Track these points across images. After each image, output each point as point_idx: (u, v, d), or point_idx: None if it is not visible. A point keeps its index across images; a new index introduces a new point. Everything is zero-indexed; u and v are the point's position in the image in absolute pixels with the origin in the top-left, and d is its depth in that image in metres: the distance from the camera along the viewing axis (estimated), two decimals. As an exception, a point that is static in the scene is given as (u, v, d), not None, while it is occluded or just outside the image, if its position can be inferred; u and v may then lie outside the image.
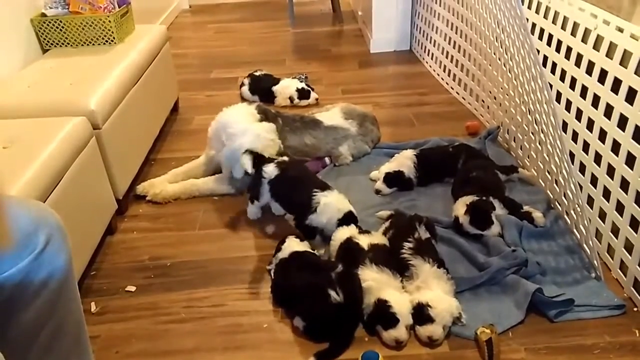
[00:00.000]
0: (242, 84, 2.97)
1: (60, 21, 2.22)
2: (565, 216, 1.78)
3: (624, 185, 1.48)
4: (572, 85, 1.74)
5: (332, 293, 1.40)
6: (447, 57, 2.96)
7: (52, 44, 2.28)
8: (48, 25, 2.22)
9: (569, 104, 1.77)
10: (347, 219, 1.70)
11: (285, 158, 1.88)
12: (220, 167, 2.10)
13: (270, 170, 1.79)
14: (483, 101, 2.54)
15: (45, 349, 0.99)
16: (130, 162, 2.05)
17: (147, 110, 2.25)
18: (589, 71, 1.63)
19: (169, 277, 1.69)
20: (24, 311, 0.94)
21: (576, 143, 1.73)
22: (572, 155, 1.75)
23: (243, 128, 1.96)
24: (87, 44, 2.29)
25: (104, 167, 1.79)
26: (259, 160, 1.84)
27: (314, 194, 1.71)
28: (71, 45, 2.28)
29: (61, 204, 1.44)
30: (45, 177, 1.41)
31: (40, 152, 1.46)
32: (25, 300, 0.94)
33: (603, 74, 1.56)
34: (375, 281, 1.46)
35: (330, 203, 1.70)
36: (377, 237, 1.65)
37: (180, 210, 2.02)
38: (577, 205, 1.62)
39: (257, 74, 3.00)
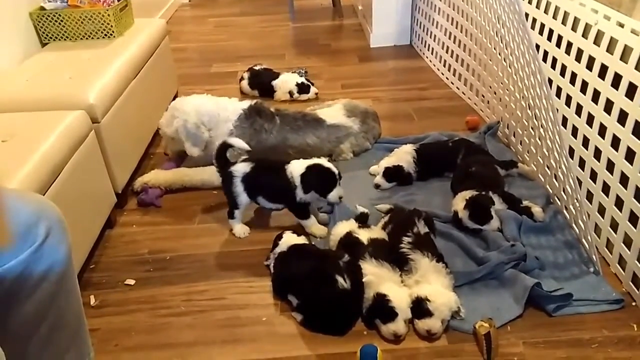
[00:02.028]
0: (242, 78, 2.97)
1: (59, 15, 2.21)
2: (565, 211, 1.78)
3: (624, 180, 1.48)
4: (573, 81, 1.74)
5: (340, 279, 1.41)
6: (447, 52, 2.95)
7: (51, 38, 2.27)
8: (47, 18, 2.22)
9: (569, 99, 1.76)
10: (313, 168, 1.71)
11: (246, 156, 1.87)
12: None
13: (239, 168, 1.78)
14: (483, 96, 2.54)
15: (45, 341, 1.00)
16: (129, 156, 2.05)
17: (147, 104, 2.24)
18: (590, 66, 1.63)
19: (168, 271, 1.69)
20: (24, 303, 0.95)
21: (576, 138, 1.73)
22: (571, 151, 1.75)
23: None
24: (86, 38, 2.28)
25: (103, 160, 1.79)
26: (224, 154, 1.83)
27: (286, 169, 1.73)
28: (70, 39, 2.28)
29: (60, 197, 1.44)
30: (44, 171, 1.40)
31: (40, 145, 1.46)
32: (25, 293, 0.94)
33: (603, 69, 1.56)
34: (375, 275, 1.46)
35: (296, 167, 1.73)
36: (377, 232, 1.65)
37: (179, 204, 2.02)
38: (576, 200, 1.62)
39: (256, 68, 2.99)
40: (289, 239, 1.64)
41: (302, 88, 2.82)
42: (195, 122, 2.01)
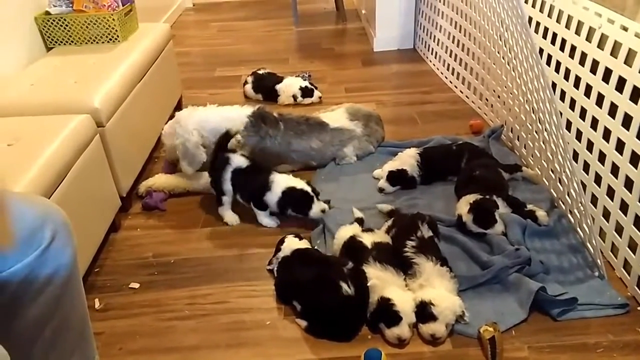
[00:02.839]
0: (246, 82, 2.98)
1: (65, 19, 2.23)
2: (569, 215, 1.78)
3: (628, 184, 1.48)
4: (576, 84, 1.73)
5: (344, 285, 1.41)
6: (450, 56, 2.95)
7: (56, 42, 2.28)
8: (52, 23, 2.23)
9: (573, 103, 1.76)
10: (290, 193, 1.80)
11: (244, 153, 1.94)
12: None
13: (238, 160, 1.86)
14: (487, 100, 2.54)
15: (50, 344, 1.00)
16: (133, 160, 2.06)
17: (151, 108, 2.25)
18: (593, 70, 1.63)
19: (172, 274, 1.70)
20: (29, 306, 0.95)
21: (580, 142, 1.72)
22: (576, 154, 1.75)
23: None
24: (91, 42, 2.29)
25: (107, 164, 1.79)
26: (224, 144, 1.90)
27: (270, 175, 1.86)
28: (75, 44, 2.29)
29: (65, 201, 1.44)
30: (49, 175, 1.41)
31: (45, 149, 1.47)
32: (30, 296, 0.94)
33: (607, 73, 1.55)
34: (379, 279, 1.46)
35: (280, 181, 1.82)
36: (380, 236, 1.65)
37: (183, 207, 2.03)
38: (580, 204, 1.62)
39: (260, 72, 3.00)
40: (291, 243, 1.64)
41: (306, 92, 2.83)
42: (196, 141, 1.99)
